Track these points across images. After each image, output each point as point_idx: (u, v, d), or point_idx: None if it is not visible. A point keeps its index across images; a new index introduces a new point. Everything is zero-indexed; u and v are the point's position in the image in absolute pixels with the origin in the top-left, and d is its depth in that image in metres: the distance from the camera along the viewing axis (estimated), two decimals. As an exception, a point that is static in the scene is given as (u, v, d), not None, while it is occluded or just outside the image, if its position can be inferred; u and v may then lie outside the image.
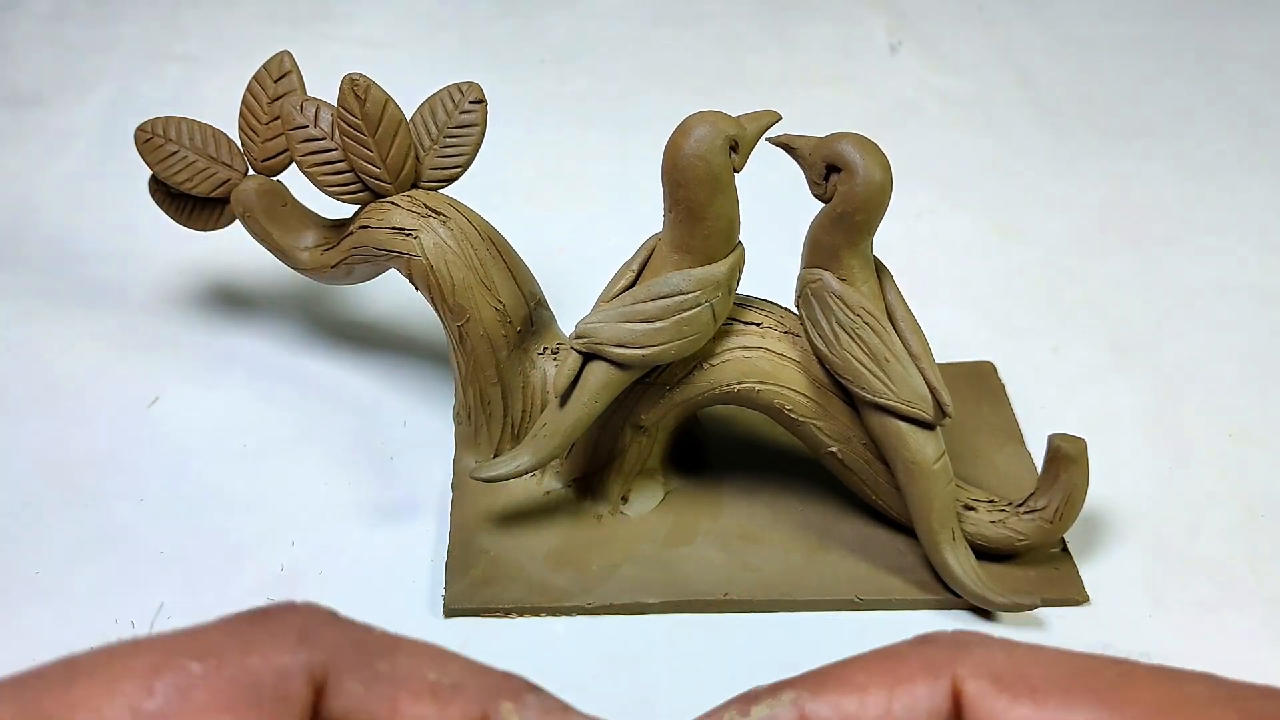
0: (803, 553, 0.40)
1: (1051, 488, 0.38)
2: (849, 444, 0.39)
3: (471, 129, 0.42)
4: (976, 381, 0.47)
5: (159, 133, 0.45)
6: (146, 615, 0.39)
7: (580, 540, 0.41)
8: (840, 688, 0.22)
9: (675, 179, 0.36)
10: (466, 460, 0.43)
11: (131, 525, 0.42)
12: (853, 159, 0.35)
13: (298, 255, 0.45)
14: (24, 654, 0.38)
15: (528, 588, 0.39)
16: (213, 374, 0.49)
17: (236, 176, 0.45)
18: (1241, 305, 0.52)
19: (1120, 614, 0.39)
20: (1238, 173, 0.60)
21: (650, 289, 0.37)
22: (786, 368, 0.38)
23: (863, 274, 0.37)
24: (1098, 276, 0.54)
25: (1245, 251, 0.55)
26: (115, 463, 0.45)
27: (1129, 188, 0.60)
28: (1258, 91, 0.66)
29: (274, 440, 0.46)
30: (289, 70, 0.44)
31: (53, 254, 0.56)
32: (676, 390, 0.39)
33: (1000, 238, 0.57)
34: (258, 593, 0.40)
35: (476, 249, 0.41)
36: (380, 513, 0.43)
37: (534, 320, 0.42)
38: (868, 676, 0.22)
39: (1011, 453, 0.44)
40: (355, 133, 0.40)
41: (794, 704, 0.22)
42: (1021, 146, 0.63)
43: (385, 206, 0.42)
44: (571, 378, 0.38)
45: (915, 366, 0.37)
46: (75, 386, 0.48)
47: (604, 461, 0.41)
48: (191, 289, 0.53)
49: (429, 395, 0.47)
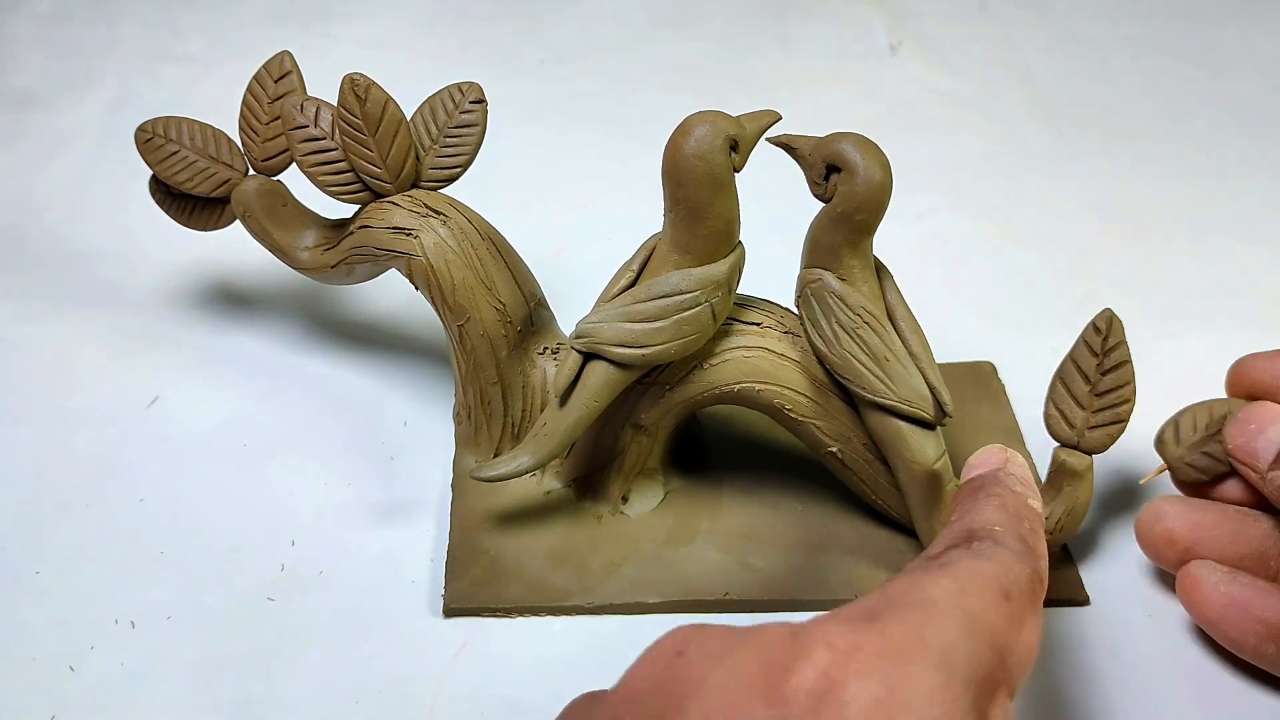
0: (803, 553, 0.40)
1: (1054, 499, 0.38)
2: (849, 444, 0.39)
3: (471, 129, 0.42)
4: (976, 381, 0.47)
5: (159, 133, 0.45)
6: (147, 615, 0.39)
7: (580, 540, 0.41)
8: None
9: (675, 179, 0.36)
10: (466, 460, 0.43)
11: (131, 525, 0.42)
12: (853, 159, 0.35)
13: (298, 255, 0.45)
14: (24, 654, 0.38)
15: (528, 587, 0.39)
16: (213, 374, 0.49)
17: (237, 176, 0.45)
18: (1241, 305, 0.52)
19: (1120, 615, 0.39)
20: (1238, 173, 0.60)
21: (650, 289, 0.37)
22: (786, 367, 0.38)
23: (863, 274, 0.37)
24: (1098, 276, 0.54)
25: (1245, 251, 0.55)
26: (115, 463, 0.45)
27: (1129, 188, 0.60)
28: (1258, 91, 0.67)
29: (274, 440, 0.46)
30: (289, 70, 0.44)
31: (53, 254, 0.56)
32: (676, 390, 0.39)
33: (1000, 238, 0.57)
34: (258, 593, 0.40)
35: (477, 249, 0.41)
36: (380, 513, 0.43)
37: (534, 320, 0.42)
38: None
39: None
40: (355, 133, 0.40)
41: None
42: (1021, 146, 0.63)
43: (385, 206, 0.42)
44: (571, 377, 0.38)
45: (915, 366, 0.37)
46: (75, 386, 0.48)
47: (604, 461, 0.41)
48: (191, 289, 0.53)
49: (429, 395, 0.47)
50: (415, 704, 0.36)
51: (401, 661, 0.38)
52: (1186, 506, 0.38)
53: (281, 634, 0.38)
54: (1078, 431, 0.37)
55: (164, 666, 0.38)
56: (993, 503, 0.31)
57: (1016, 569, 0.28)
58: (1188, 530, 0.37)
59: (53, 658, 0.38)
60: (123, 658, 0.38)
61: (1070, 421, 0.37)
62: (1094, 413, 0.37)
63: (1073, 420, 0.37)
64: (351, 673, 0.37)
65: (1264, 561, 0.36)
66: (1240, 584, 0.36)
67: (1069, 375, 0.37)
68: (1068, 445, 0.38)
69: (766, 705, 0.23)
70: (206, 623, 0.39)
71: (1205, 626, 0.36)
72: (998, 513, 0.30)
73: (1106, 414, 0.37)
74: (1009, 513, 0.31)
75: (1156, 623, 0.38)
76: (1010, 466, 0.33)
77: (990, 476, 0.33)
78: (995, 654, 0.26)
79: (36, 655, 0.38)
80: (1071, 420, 0.37)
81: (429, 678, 0.37)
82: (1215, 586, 0.36)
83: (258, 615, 0.39)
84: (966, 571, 0.27)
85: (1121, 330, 0.37)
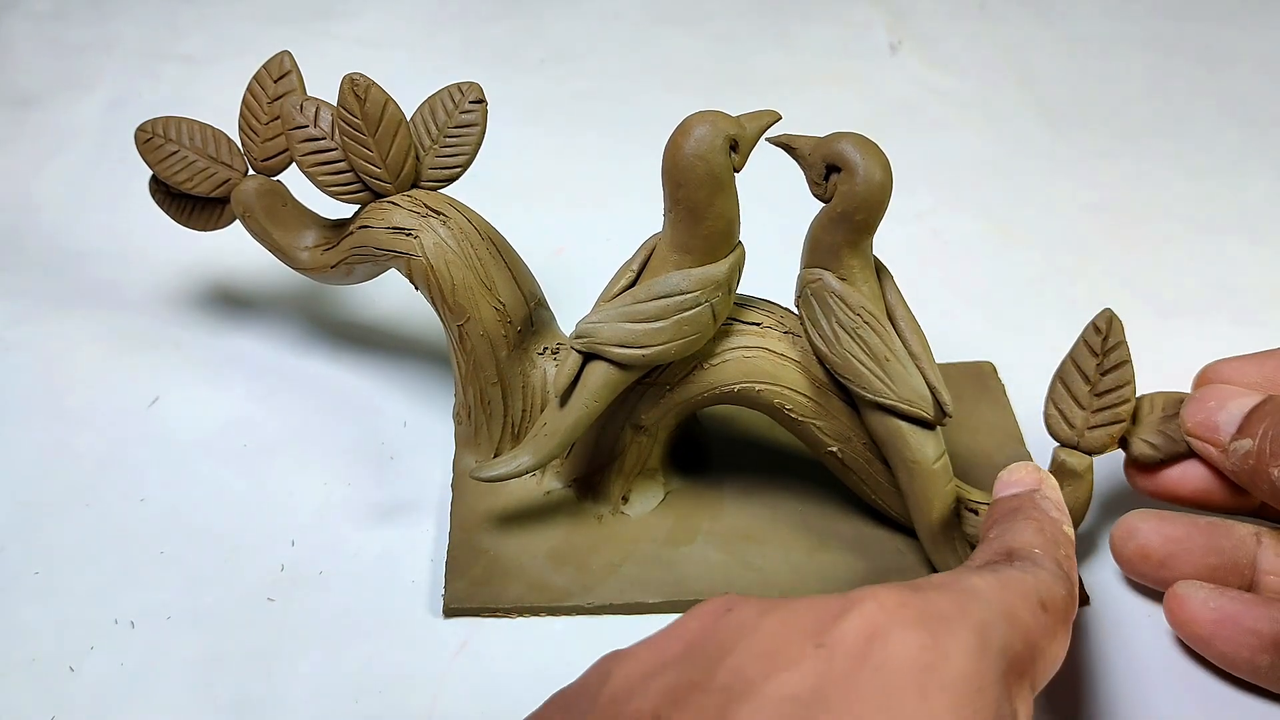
0: (803, 553, 0.40)
1: None
2: (849, 444, 0.39)
3: (471, 129, 0.42)
4: (976, 381, 0.47)
5: (159, 133, 0.45)
6: (147, 615, 0.39)
7: (580, 540, 0.41)
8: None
9: (675, 179, 0.36)
10: (466, 460, 0.43)
11: (131, 525, 0.42)
12: (853, 159, 0.35)
13: (298, 255, 0.45)
14: (24, 654, 0.38)
15: (528, 587, 0.39)
16: (213, 374, 0.49)
17: (236, 176, 0.45)
18: (1241, 304, 0.52)
19: (1120, 615, 0.39)
20: (1238, 172, 0.60)
21: (650, 289, 0.37)
22: (787, 368, 0.38)
23: (863, 274, 0.37)
24: (1098, 276, 0.54)
25: (1245, 251, 0.55)
26: (115, 463, 0.45)
27: (1129, 188, 0.60)
28: (1258, 91, 0.67)
29: (274, 440, 0.46)
30: (289, 70, 0.44)
31: (53, 254, 0.56)
32: (677, 390, 0.39)
33: (1000, 238, 0.57)
34: (258, 593, 0.40)
35: (476, 249, 0.41)
36: (380, 513, 0.43)
37: (534, 320, 0.42)
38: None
39: (1011, 453, 0.44)
40: (355, 133, 0.40)
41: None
42: (1021, 146, 0.63)
43: (385, 206, 0.42)
44: (571, 378, 0.38)
45: (915, 366, 0.37)
46: (75, 386, 0.48)
47: (604, 461, 0.41)
48: (191, 289, 0.53)
49: (429, 395, 0.47)
50: (415, 704, 0.36)
51: (401, 661, 0.38)
52: (1159, 520, 0.38)
53: (281, 634, 0.38)
54: (1077, 431, 0.37)
55: (164, 666, 0.38)
56: (1031, 525, 0.32)
57: (1054, 586, 0.30)
58: (1161, 544, 0.37)
59: (53, 658, 0.38)
60: (123, 658, 0.38)
61: (1070, 421, 0.37)
62: (1094, 413, 0.37)
63: (1072, 420, 0.37)
64: (351, 673, 0.37)
65: (1238, 570, 0.37)
66: (1228, 598, 0.36)
67: (1069, 375, 0.37)
68: (1068, 445, 0.38)
69: (815, 644, 0.25)
70: (206, 623, 0.39)
71: (1197, 645, 0.36)
72: (1036, 535, 0.32)
73: (1106, 414, 0.37)
74: (1046, 536, 0.32)
75: (1156, 623, 0.38)
76: (1045, 489, 0.34)
77: (1027, 498, 0.34)
78: (1027, 649, 0.27)
79: (36, 655, 0.38)
80: (1071, 420, 0.37)
81: (429, 678, 0.37)
82: (1204, 603, 0.36)
83: (258, 615, 0.39)
84: (1008, 576, 0.29)
85: (1121, 330, 0.37)
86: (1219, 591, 0.36)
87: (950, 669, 0.25)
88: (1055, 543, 0.32)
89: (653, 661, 0.26)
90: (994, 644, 0.26)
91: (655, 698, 0.25)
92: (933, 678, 0.24)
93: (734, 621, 0.26)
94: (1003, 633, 0.27)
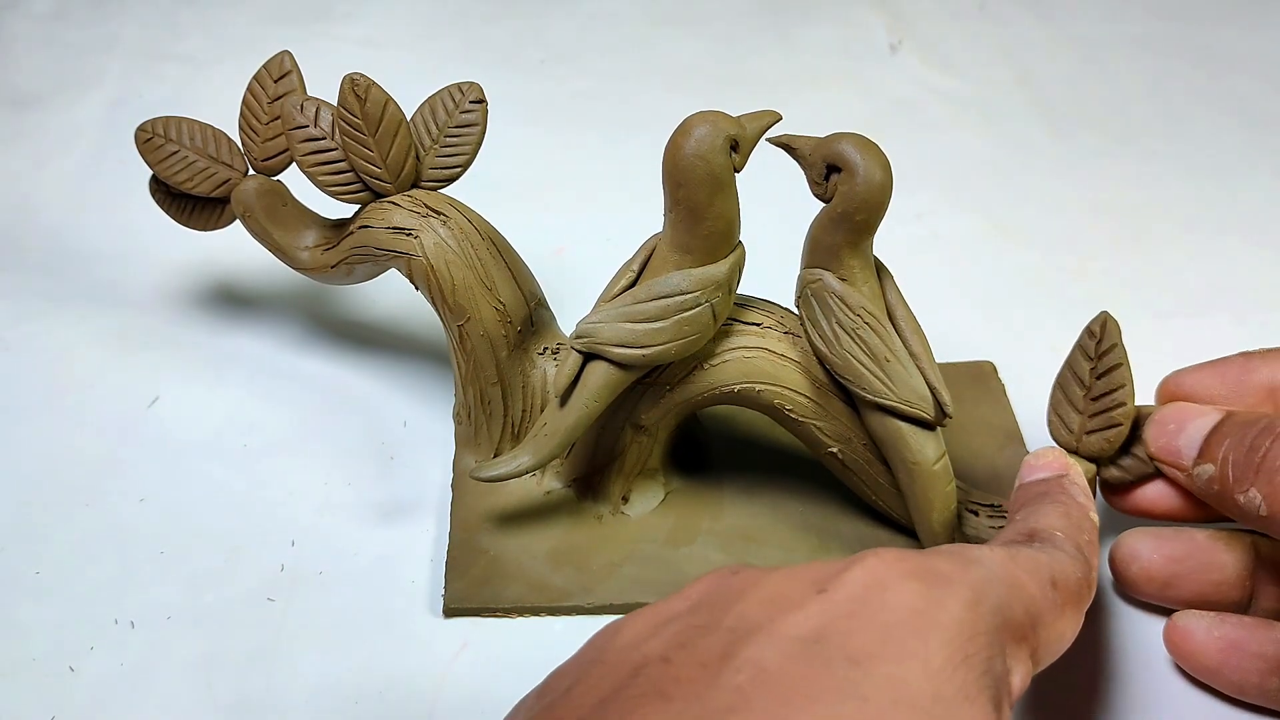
0: (803, 553, 0.40)
1: None
2: (849, 444, 0.39)
3: (471, 129, 0.42)
4: (976, 381, 0.47)
5: (159, 133, 0.45)
6: (147, 615, 0.39)
7: (580, 540, 0.41)
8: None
9: (675, 179, 0.36)
10: (466, 460, 0.43)
11: (131, 525, 0.42)
12: (853, 159, 0.35)
13: (298, 255, 0.45)
14: (24, 654, 0.38)
15: (528, 587, 0.39)
16: (213, 374, 0.49)
17: (236, 176, 0.45)
18: (1241, 305, 0.52)
19: (1120, 614, 0.39)
20: (1238, 173, 0.60)
21: (650, 289, 0.37)
22: (787, 368, 0.38)
23: (863, 274, 0.37)
24: (1098, 276, 0.54)
25: (1245, 251, 0.55)
26: (115, 463, 0.45)
27: (1129, 188, 0.60)
28: (1258, 92, 0.66)
29: (274, 440, 0.46)
30: (289, 70, 0.44)
31: (53, 254, 0.56)
32: (677, 390, 0.39)
33: (1000, 238, 0.57)
34: (258, 592, 0.40)
35: (477, 249, 0.41)
36: (380, 513, 0.43)
37: (534, 320, 0.42)
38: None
39: (1012, 453, 0.44)
40: (355, 132, 0.40)
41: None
42: (1021, 146, 0.63)
43: (385, 206, 0.42)
44: (571, 378, 0.38)
45: (915, 366, 0.37)
46: (75, 386, 0.48)
47: (604, 461, 0.41)
48: (191, 289, 0.53)
49: (429, 395, 0.47)
50: (415, 704, 0.36)
51: (401, 662, 0.38)
52: (1157, 540, 0.37)
53: (281, 634, 0.38)
54: (1075, 437, 0.37)
55: (164, 666, 0.38)
56: (1057, 509, 0.33)
57: (1070, 567, 0.30)
58: (1164, 565, 0.37)
59: (53, 658, 0.38)
60: (123, 658, 0.38)
61: (1069, 427, 0.37)
62: (1090, 418, 0.37)
63: (1071, 426, 0.37)
64: (351, 673, 0.37)
65: (1240, 586, 0.36)
66: (1230, 624, 0.35)
67: (1066, 380, 0.37)
68: (1069, 451, 0.37)
69: (818, 591, 0.26)
70: (206, 623, 0.39)
71: (1205, 676, 0.36)
72: (1061, 519, 0.32)
73: (1101, 419, 0.37)
74: (1071, 521, 0.32)
75: (1157, 623, 0.38)
76: (1073, 475, 0.35)
77: (1055, 483, 0.34)
78: (1027, 616, 0.28)
79: (36, 655, 0.38)
80: (1070, 426, 0.37)
81: (429, 678, 0.37)
82: (1209, 632, 0.35)
83: (257, 615, 0.39)
84: (1020, 553, 0.30)
85: (1117, 333, 0.36)
86: (1219, 619, 0.36)
87: (944, 615, 0.26)
88: (1079, 527, 0.32)
89: (661, 616, 0.27)
90: (988, 600, 0.27)
91: (663, 642, 0.26)
92: (927, 620, 0.26)
93: (740, 578, 0.28)
94: (1000, 593, 0.27)
